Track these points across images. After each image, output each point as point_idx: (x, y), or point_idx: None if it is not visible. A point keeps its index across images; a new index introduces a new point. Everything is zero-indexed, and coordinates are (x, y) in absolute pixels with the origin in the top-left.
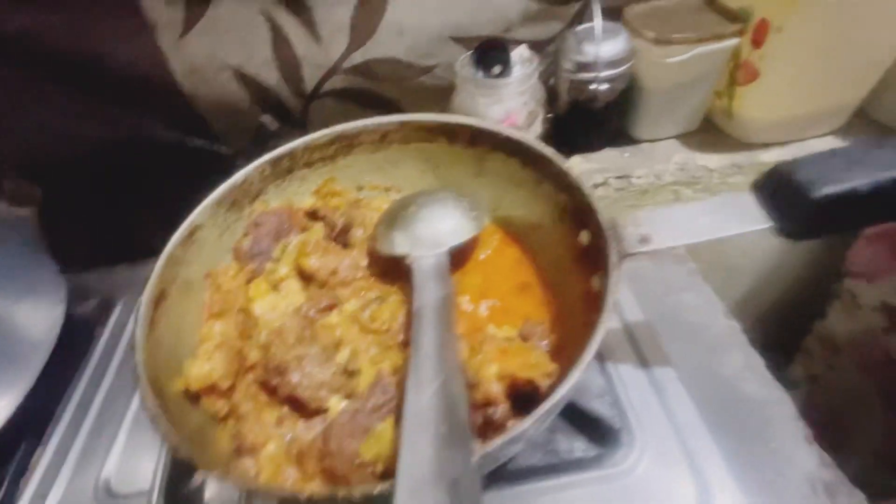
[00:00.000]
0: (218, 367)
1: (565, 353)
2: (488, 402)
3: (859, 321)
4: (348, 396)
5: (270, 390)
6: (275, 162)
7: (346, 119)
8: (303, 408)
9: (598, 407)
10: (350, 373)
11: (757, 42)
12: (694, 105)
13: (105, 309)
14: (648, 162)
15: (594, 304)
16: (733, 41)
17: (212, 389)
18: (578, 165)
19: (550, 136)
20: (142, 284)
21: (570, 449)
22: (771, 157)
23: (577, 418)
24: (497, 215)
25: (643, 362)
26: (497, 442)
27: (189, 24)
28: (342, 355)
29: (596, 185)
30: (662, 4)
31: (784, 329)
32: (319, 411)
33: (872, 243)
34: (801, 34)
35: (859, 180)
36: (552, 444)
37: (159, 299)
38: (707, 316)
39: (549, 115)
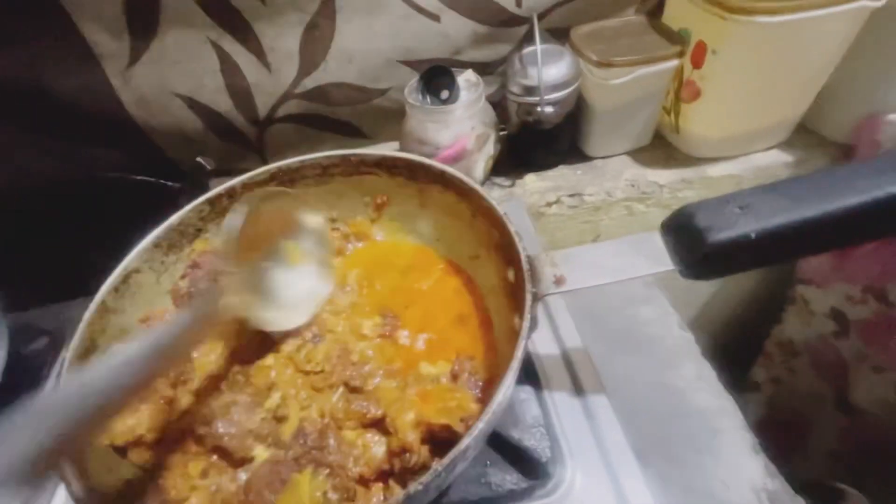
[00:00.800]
0: (143, 420)
1: (492, 386)
2: (404, 450)
3: (812, 326)
4: (274, 444)
5: (198, 439)
6: (213, 201)
7: (305, 143)
8: (229, 457)
9: (531, 438)
10: (279, 418)
11: (696, 63)
12: (642, 123)
13: (55, 347)
14: (600, 179)
15: (514, 341)
16: (674, 62)
17: (138, 443)
18: (532, 183)
19: (506, 154)
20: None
21: (501, 482)
22: (718, 171)
23: (510, 451)
24: (440, 245)
25: (578, 390)
26: (395, 499)
27: (136, 55)
28: (272, 400)
29: (549, 203)
30: (607, 24)
31: (746, 333)
32: (245, 461)
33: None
34: (734, 56)
35: (749, 227)
36: (485, 478)
37: (87, 352)
38: (662, 328)
39: (503, 134)
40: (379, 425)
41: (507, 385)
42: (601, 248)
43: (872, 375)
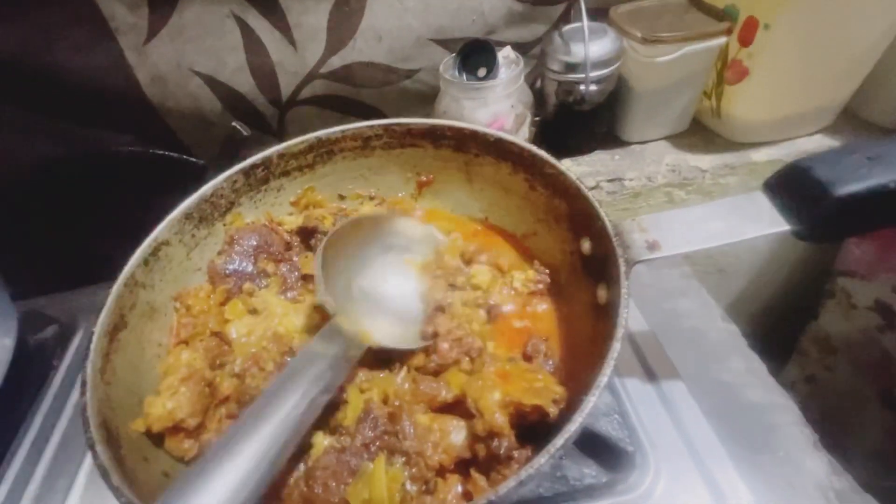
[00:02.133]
0: (183, 403)
1: (573, 371)
2: (492, 434)
3: (854, 320)
4: (333, 431)
5: None
6: (248, 172)
7: (324, 127)
8: None
9: (607, 427)
10: (335, 403)
11: (745, 40)
12: (683, 106)
13: (64, 337)
14: (639, 164)
15: (601, 315)
16: (721, 40)
17: (177, 429)
18: (570, 169)
19: (539, 140)
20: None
21: (580, 475)
22: (761, 156)
23: (586, 441)
24: (490, 223)
25: (650, 375)
26: (508, 484)
27: (154, 30)
28: None
29: (589, 189)
30: (647, 4)
31: (778, 330)
32: (302, 450)
33: (864, 241)
34: (789, 31)
35: (885, 177)
36: (560, 471)
37: (116, 329)
38: (705, 320)
39: (537, 119)
40: (453, 409)
41: (611, 361)
42: (694, 212)
43: None
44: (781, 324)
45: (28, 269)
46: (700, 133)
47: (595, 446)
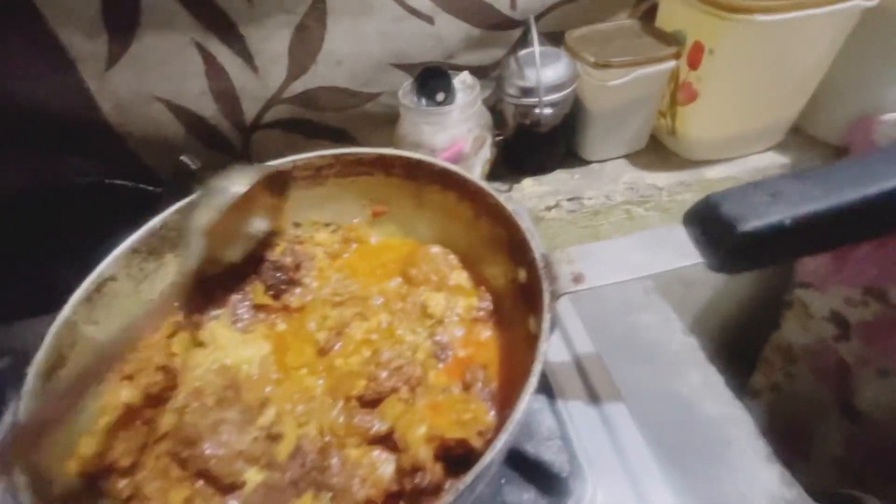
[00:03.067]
0: (115, 444)
1: (511, 399)
2: (416, 468)
3: (812, 330)
4: (268, 467)
5: (182, 463)
6: None
7: (293, 150)
8: (217, 483)
9: (547, 452)
10: (274, 437)
11: (693, 64)
12: (638, 125)
13: (19, 367)
14: (598, 183)
15: (530, 344)
16: (670, 63)
17: (110, 469)
18: (530, 188)
19: (501, 160)
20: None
21: (518, 500)
22: (715, 173)
23: (526, 466)
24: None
25: (594, 397)
26: None
27: (114, 57)
28: (266, 417)
29: (549, 208)
30: (601, 28)
31: (745, 339)
32: (235, 486)
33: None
34: (732, 56)
35: (783, 214)
36: (500, 496)
37: (53, 368)
38: (665, 334)
39: (499, 139)
40: (385, 442)
41: (529, 393)
42: (620, 244)
43: (877, 380)
44: (747, 333)
45: None
46: (658, 151)
47: (535, 471)
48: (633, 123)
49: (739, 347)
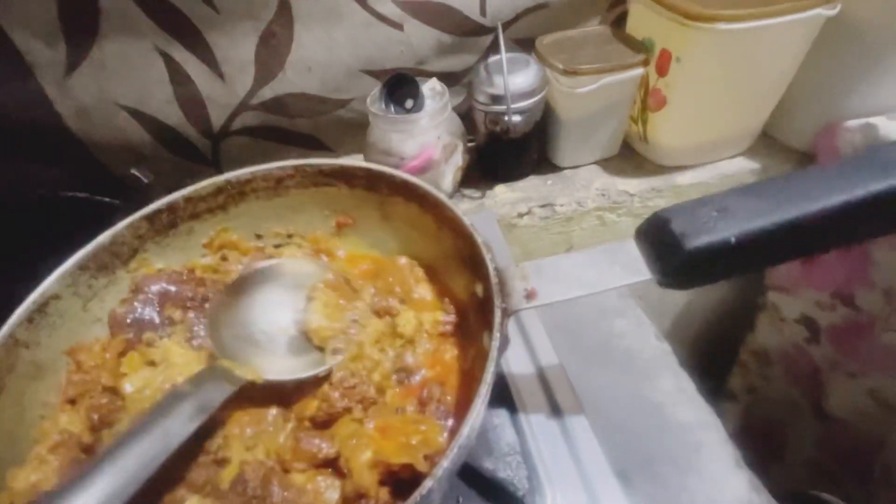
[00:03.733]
0: (50, 475)
1: (463, 415)
2: (360, 495)
3: (784, 333)
4: (212, 494)
5: None
6: (151, 217)
7: (264, 157)
8: None
9: (506, 468)
10: (220, 461)
11: (661, 71)
12: (610, 132)
13: None
14: (570, 189)
15: (483, 361)
16: (639, 71)
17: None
18: (503, 195)
19: (474, 167)
20: None
21: None
22: (686, 179)
23: (483, 483)
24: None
25: (555, 410)
26: None
27: (73, 63)
28: (213, 441)
29: (521, 215)
30: (571, 34)
31: (721, 343)
32: None
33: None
34: (698, 63)
35: (728, 231)
36: None
37: None
38: (638, 340)
39: (471, 145)
40: (333, 465)
41: (475, 415)
42: (573, 259)
43: (846, 382)
44: (724, 337)
45: None
46: (630, 157)
47: (492, 489)
48: (605, 130)
49: (716, 351)
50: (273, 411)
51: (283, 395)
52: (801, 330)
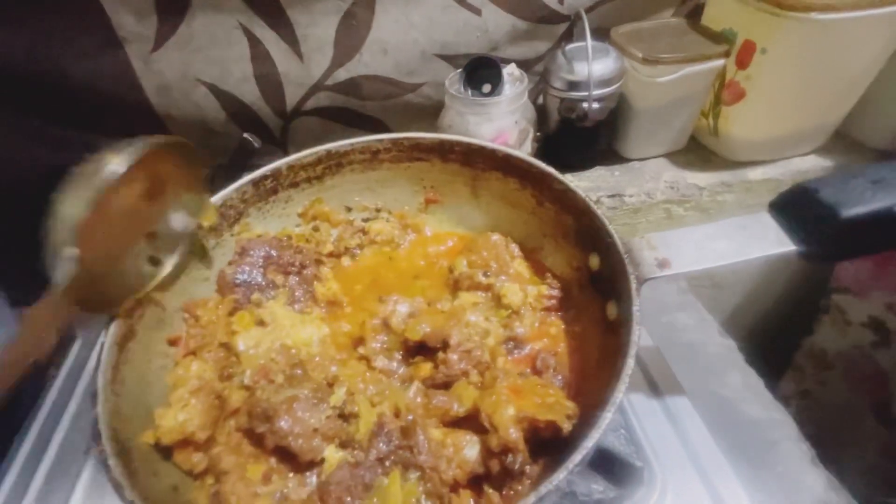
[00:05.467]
0: (194, 416)
1: (582, 386)
2: (507, 450)
3: (848, 336)
4: (345, 445)
5: (256, 439)
6: (257, 182)
7: (330, 138)
8: (294, 460)
9: (615, 442)
10: (346, 416)
11: (742, 63)
12: (682, 124)
13: (61, 346)
14: (638, 180)
15: (610, 331)
16: (720, 62)
17: (187, 442)
18: (577, 186)
19: (540, 156)
20: (103, 319)
21: (588, 491)
22: (757, 175)
23: (594, 457)
24: None
25: (655, 391)
26: (528, 501)
27: (161, 39)
28: (336, 396)
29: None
30: (647, 26)
31: (773, 345)
32: (314, 464)
33: (858, 259)
34: (785, 55)
35: (888, 201)
36: (569, 486)
37: (125, 339)
38: (702, 335)
39: (539, 134)
40: (465, 423)
41: (628, 375)
42: (701, 231)
43: None
44: (776, 339)
45: (26, 274)
46: (697, 151)
47: (603, 462)
48: (677, 122)
49: (768, 353)
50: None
51: None
52: (867, 333)
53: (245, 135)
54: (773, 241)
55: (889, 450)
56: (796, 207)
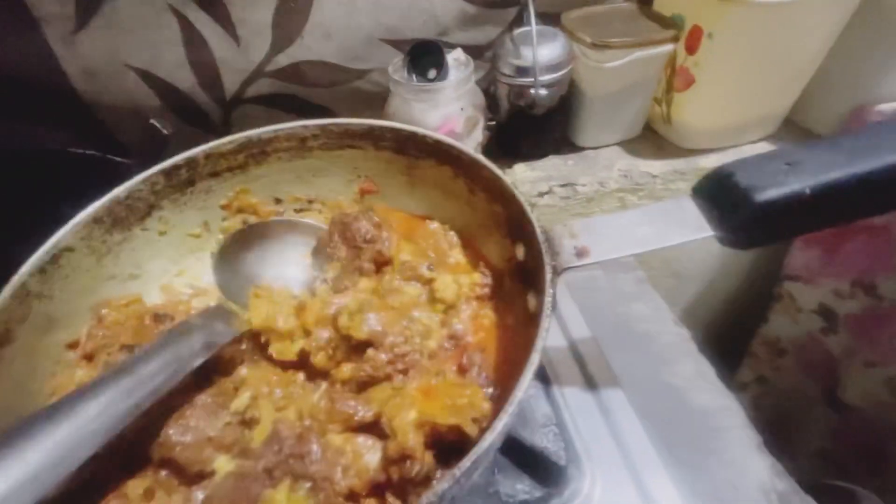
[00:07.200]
0: None
1: (508, 383)
2: (405, 456)
3: (800, 323)
4: (241, 454)
5: (140, 451)
6: (169, 172)
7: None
8: (182, 473)
9: (543, 439)
10: (248, 422)
11: (691, 48)
12: (634, 111)
13: None
14: (592, 169)
15: (530, 323)
16: (668, 47)
17: None
18: (522, 173)
19: (493, 144)
20: None
21: (513, 491)
22: (710, 162)
23: (520, 454)
24: None
25: (591, 384)
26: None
27: (83, 19)
28: (240, 401)
29: (541, 194)
30: (597, 10)
31: (732, 332)
32: (203, 476)
33: (808, 246)
34: (731, 40)
35: (801, 183)
36: (493, 486)
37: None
38: (657, 325)
39: (491, 123)
40: (371, 429)
41: (532, 370)
42: (625, 217)
43: (864, 371)
44: (735, 326)
45: None
46: (651, 139)
47: (529, 460)
48: (629, 109)
49: (727, 340)
50: (301, 375)
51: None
52: (817, 319)
53: (152, 120)
54: (692, 227)
55: (836, 434)
56: (714, 191)
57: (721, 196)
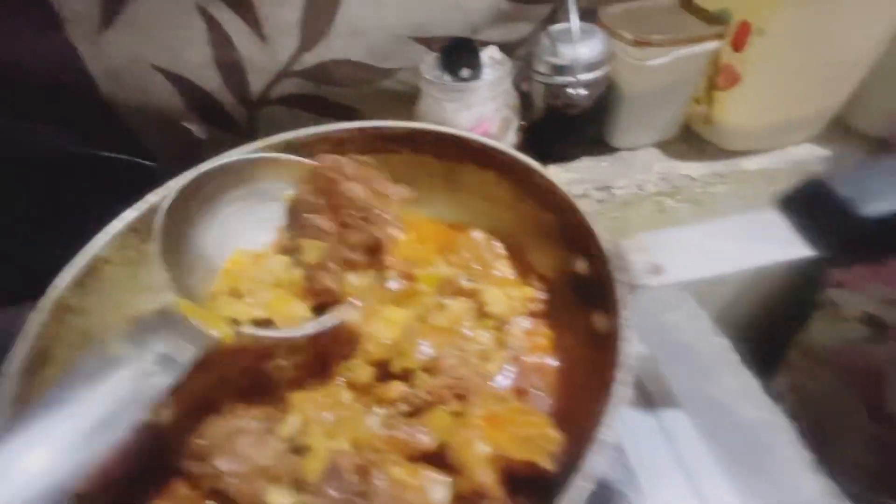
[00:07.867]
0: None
1: (571, 407)
2: (479, 494)
3: (841, 331)
4: (295, 487)
5: (190, 481)
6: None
7: (301, 128)
8: None
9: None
10: (298, 450)
11: (738, 45)
12: (673, 111)
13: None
14: (629, 171)
15: (599, 345)
16: (714, 44)
17: (105, 487)
18: (556, 175)
19: (524, 146)
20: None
21: None
22: (752, 165)
23: None
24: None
25: (649, 403)
26: None
27: (108, 18)
28: (290, 426)
29: (576, 197)
30: (637, 6)
31: (766, 341)
32: None
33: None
34: (783, 36)
35: None
36: None
37: (35, 366)
38: (695, 334)
39: (523, 123)
40: (431, 460)
41: (616, 410)
42: (701, 231)
43: None
44: (770, 334)
45: None
46: (690, 140)
47: None
48: (668, 109)
49: (761, 348)
50: (347, 394)
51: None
52: (861, 329)
53: (185, 124)
54: (784, 244)
55: (881, 447)
56: (811, 205)
57: (819, 209)
